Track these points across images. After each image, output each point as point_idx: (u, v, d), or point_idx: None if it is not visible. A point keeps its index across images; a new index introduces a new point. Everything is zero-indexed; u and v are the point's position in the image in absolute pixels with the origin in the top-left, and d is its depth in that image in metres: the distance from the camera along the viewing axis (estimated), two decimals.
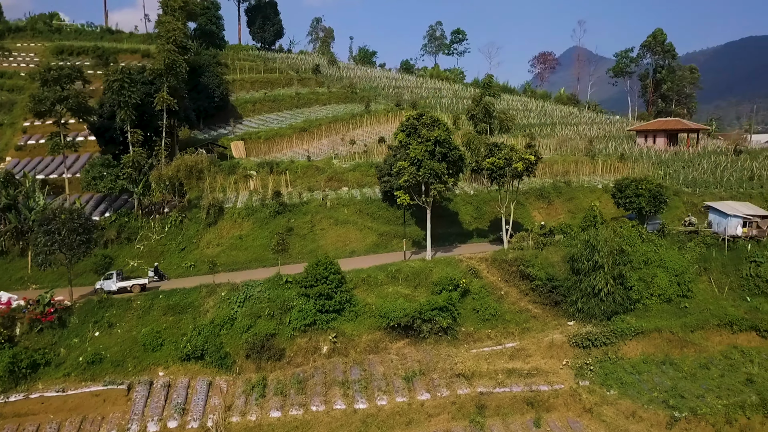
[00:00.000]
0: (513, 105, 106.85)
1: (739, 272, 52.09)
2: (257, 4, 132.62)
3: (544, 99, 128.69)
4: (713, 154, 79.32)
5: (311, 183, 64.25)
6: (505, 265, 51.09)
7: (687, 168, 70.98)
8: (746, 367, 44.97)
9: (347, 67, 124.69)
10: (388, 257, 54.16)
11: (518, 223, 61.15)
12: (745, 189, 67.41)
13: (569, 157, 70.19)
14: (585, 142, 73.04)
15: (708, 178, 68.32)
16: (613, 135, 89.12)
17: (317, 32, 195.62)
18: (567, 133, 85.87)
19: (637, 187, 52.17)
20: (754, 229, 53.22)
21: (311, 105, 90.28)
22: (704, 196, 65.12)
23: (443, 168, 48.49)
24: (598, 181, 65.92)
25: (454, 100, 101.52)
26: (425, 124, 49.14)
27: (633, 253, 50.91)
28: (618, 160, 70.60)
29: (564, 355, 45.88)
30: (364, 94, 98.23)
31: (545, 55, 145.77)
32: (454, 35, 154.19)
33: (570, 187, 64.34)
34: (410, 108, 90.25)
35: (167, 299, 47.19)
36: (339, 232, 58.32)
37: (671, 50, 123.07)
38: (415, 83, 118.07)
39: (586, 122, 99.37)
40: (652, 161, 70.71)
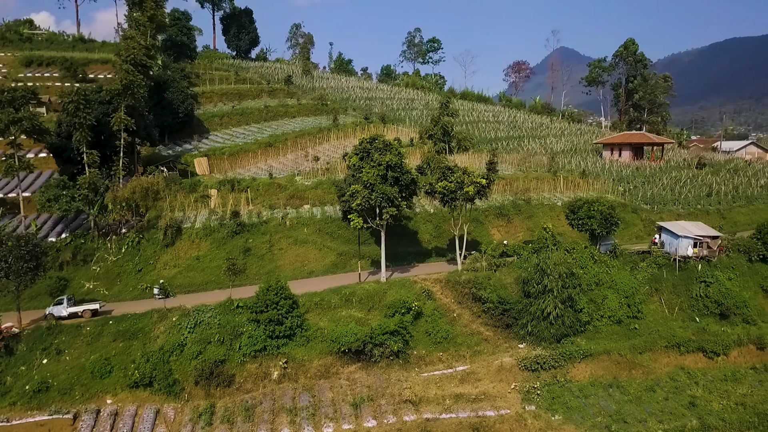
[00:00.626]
0: (484, 116, 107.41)
1: (689, 292, 52.80)
2: (232, 13, 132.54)
3: (518, 108, 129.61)
4: (675, 168, 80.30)
5: (272, 201, 64.27)
6: (458, 286, 51.45)
7: (647, 184, 71.80)
8: (691, 390, 45.65)
9: (321, 76, 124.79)
10: (346, 278, 54.30)
11: (477, 241, 61.62)
12: (702, 206, 68.42)
13: (531, 174, 70.75)
14: (548, 158, 73.53)
15: (667, 195, 69.16)
16: (580, 148, 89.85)
17: (297, 38, 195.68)
18: (533, 147, 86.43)
19: (589, 208, 52.72)
20: (704, 250, 53.96)
21: (280, 118, 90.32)
22: (662, 213, 66.03)
23: (395, 192, 48.75)
24: (558, 199, 66.49)
25: (425, 113, 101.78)
26: (378, 148, 49.39)
27: (585, 274, 51.53)
28: (579, 176, 71.23)
29: (513, 378, 46.28)
30: (335, 106, 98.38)
31: (519, 64, 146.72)
32: (429, 44, 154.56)
33: (529, 205, 64.84)
34: (379, 121, 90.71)
35: (117, 325, 47.03)
36: (298, 252, 58.38)
37: (643, 60, 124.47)
38: (389, 93, 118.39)
39: (555, 134, 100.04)
40: (613, 177, 71.39)
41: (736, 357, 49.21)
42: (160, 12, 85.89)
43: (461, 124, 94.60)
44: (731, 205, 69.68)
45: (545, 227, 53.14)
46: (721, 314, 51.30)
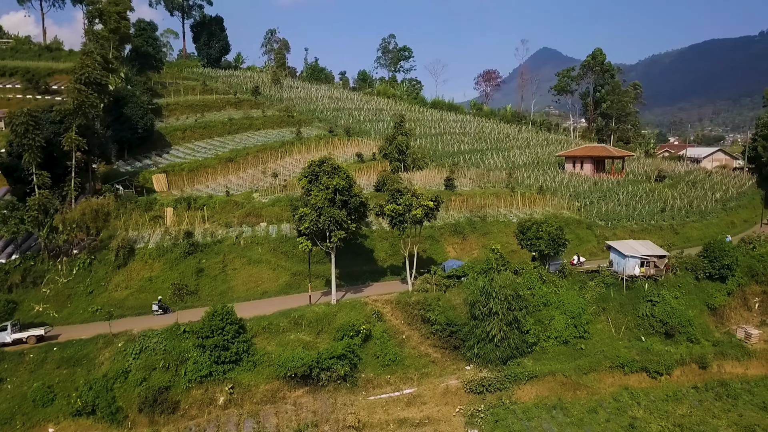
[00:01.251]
0: (451, 128, 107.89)
1: (636, 312, 53.62)
2: (202, 21, 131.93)
3: (488, 117, 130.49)
4: (634, 182, 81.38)
5: (229, 219, 64.14)
6: (408, 308, 51.77)
7: (603, 200, 72.70)
8: (632, 411, 46.37)
9: (291, 85, 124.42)
10: (299, 299, 54.34)
11: (432, 258, 62.10)
12: (656, 221, 69.47)
13: (489, 190, 71.31)
14: (506, 174, 74.11)
15: (622, 211, 70.11)
16: (543, 160, 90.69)
17: (272, 44, 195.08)
18: (496, 161, 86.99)
19: (537, 229, 53.30)
20: (651, 269, 54.83)
21: (245, 131, 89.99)
22: (616, 229, 67.00)
23: (344, 215, 48.92)
24: (514, 215, 67.08)
25: (392, 124, 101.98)
26: (326, 171, 49.48)
27: (533, 295, 52.12)
28: (537, 192, 71.90)
29: (459, 401, 46.71)
30: (301, 117, 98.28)
31: (490, 72, 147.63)
32: (400, 53, 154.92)
33: (485, 222, 65.39)
34: (344, 134, 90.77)
35: (62, 351, 46.65)
36: (251, 272, 58.35)
37: (610, 69, 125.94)
38: (359, 103, 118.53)
39: (521, 145, 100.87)
40: (570, 193, 72.16)
41: (679, 376, 50.07)
42: (124, 24, 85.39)
43: (426, 137, 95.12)
44: (684, 220, 70.87)
45: (493, 248, 53.60)
46: (666, 333, 52.17)
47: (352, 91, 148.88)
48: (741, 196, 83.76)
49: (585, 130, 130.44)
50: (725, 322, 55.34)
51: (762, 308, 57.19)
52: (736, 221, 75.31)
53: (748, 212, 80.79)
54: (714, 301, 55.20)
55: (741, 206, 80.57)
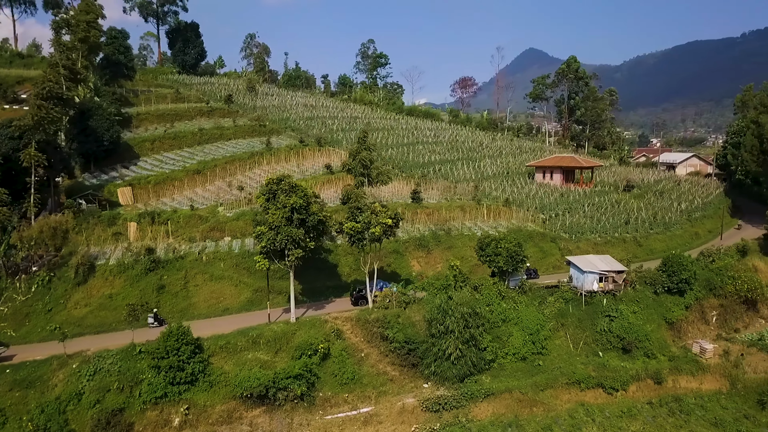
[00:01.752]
0: (425, 136, 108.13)
1: (594, 327, 54.17)
2: (177, 27, 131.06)
3: (464, 124, 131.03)
4: (601, 193, 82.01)
5: (193, 234, 63.86)
6: (368, 325, 51.88)
7: (569, 212, 73.29)
8: (587, 428, 46.80)
9: (266, 93, 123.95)
10: (261, 316, 54.22)
11: (396, 273, 62.31)
12: (620, 234, 70.17)
13: (455, 203, 71.61)
14: (473, 186, 74.41)
15: (587, 223, 70.70)
16: (513, 170, 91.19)
17: (251, 48, 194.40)
18: (466, 171, 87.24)
19: (496, 246, 53.64)
20: (610, 284, 55.40)
21: (216, 141, 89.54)
22: (580, 242, 67.58)
23: (301, 234, 48.93)
24: (479, 228, 67.40)
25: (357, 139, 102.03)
26: (284, 190, 49.46)
27: (491, 311, 52.46)
28: (503, 205, 72.34)
29: (415, 420, 46.92)
30: (274, 126, 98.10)
31: (466, 80, 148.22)
32: (377, 59, 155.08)
33: (450, 236, 65.68)
34: (315, 144, 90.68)
35: (15, 373, 46.16)
36: (213, 289, 58.14)
37: (584, 77, 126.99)
38: (334, 110, 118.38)
39: (493, 154, 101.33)
40: (536, 206, 72.60)
41: (635, 392, 50.63)
42: (94, 33, 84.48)
43: (398, 147, 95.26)
44: (648, 232, 71.63)
45: (452, 264, 53.85)
46: (624, 349, 52.75)
47: (330, 97, 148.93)
48: (707, 206, 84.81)
49: (561, 137, 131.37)
50: (682, 336, 56.04)
51: (719, 321, 58.02)
52: (700, 232, 76.28)
53: (713, 222, 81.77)
54: (672, 316, 55.91)
55: (706, 216, 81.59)
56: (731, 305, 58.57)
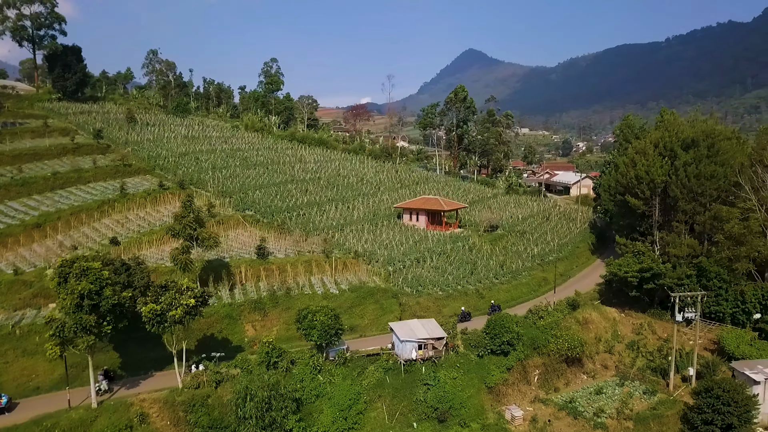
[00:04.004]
0: (304, 171, 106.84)
1: (412, 396, 54.23)
2: (55, 52, 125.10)
3: (356, 153, 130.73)
4: (459, 239, 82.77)
5: (15, 301, 60.54)
6: (175, 407, 50.23)
7: (418, 262, 73.57)
8: None
9: (149, 123, 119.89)
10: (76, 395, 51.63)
11: (228, 340, 60.86)
12: (463, 285, 70.91)
13: (303, 257, 70.70)
14: (323, 238, 73.64)
15: (431, 276, 71.08)
16: (381, 213, 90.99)
17: (153, 65, 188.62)
18: (331, 216, 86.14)
19: (312, 318, 53.00)
20: (430, 351, 55.70)
21: (72, 185, 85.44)
22: (421, 297, 67.89)
23: (92, 321, 46.83)
24: (321, 286, 66.73)
25: (237, 170, 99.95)
26: (75, 274, 47.19)
27: (304, 387, 51.78)
28: (353, 257, 71.99)
29: None
30: (141, 165, 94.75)
31: (358, 107, 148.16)
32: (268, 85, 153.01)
33: (289, 296, 64.70)
34: (177, 187, 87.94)
35: None
36: (25, 365, 55.08)
37: (471, 106, 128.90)
38: (216, 142, 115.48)
39: (369, 192, 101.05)
40: (384, 258, 72.44)
41: None
42: None
43: (269, 187, 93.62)
44: (493, 282, 72.71)
45: (266, 341, 52.89)
46: (439, 418, 53.07)
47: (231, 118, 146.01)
48: (563, 247, 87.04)
49: (450, 165, 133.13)
50: (502, 399, 56.93)
51: (541, 380, 59.34)
52: (549, 277, 77.98)
53: (566, 264, 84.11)
54: (491, 380, 56.67)
55: (560, 258, 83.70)
56: (553, 364, 60.04)
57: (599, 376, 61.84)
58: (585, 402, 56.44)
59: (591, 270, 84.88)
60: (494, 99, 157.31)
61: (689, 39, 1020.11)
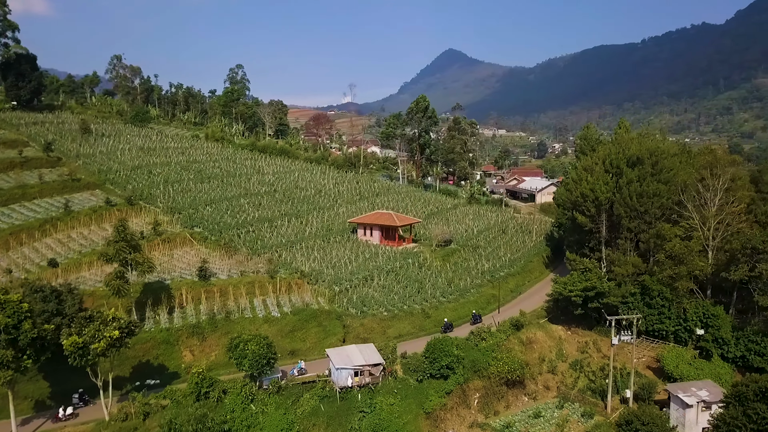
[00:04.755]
0: (261, 184, 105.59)
1: (347, 424, 53.46)
2: (8, 60, 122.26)
3: (318, 163, 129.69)
4: (411, 255, 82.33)
5: None
6: None
7: (366, 281, 72.85)
8: None
9: (104, 133, 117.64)
10: None
11: (163, 366, 59.64)
12: (409, 305, 70.40)
13: (247, 277, 69.63)
14: (267, 258, 72.57)
15: (374, 296, 70.38)
16: (336, 227, 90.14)
17: (117, 70, 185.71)
18: (283, 232, 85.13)
19: (243, 347, 52.05)
20: (366, 377, 55.07)
21: (16, 202, 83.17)
22: (365, 318, 67.27)
23: (10, 356, 45.43)
24: (262, 309, 65.71)
25: (190, 185, 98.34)
26: None
27: (235, 418, 50.82)
28: (299, 277, 71.08)
29: None
30: (91, 180, 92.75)
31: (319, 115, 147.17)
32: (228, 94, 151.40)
33: (229, 320, 63.62)
34: (125, 203, 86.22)
35: None
36: None
37: (433, 116, 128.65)
38: (172, 154, 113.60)
39: (326, 206, 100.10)
40: (330, 278, 71.58)
41: None
42: None
43: (221, 202, 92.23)
44: (440, 301, 72.29)
45: (196, 371, 51.85)
46: None
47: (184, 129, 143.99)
48: (514, 262, 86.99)
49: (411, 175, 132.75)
50: (440, 424, 56.40)
51: (481, 404, 58.99)
52: (498, 294, 77.91)
53: (518, 279, 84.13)
54: (429, 405, 56.16)
55: (511, 274, 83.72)
56: (493, 387, 59.75)
57: (541, 397, 61.70)
58: (522, 426, 56.23)
59: (543, 285, 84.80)
60: (460, 107, 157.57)
61: (664, 40, 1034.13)
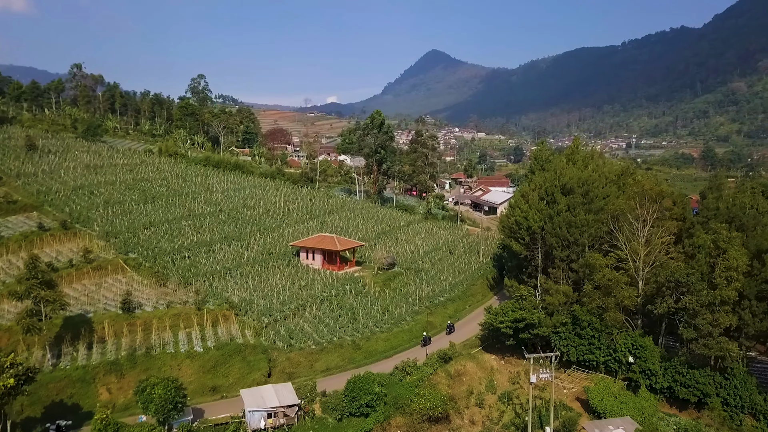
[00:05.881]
0: (207, 202, 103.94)
1: None
2: None
3: (273, 178, 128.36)
4: (351, 280, 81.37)
5: None
6: None
7: (300, 310, 71.83)
8: None
9: (51, 149, 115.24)
10: None
11: (78, 405, 58.12)
12: (339, 337, 69.36)
13: (173, 309, 68.26)
14: (194, 290, 71.10)
15: (305, 327, 69.34)
16: (279, 250, 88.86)
17: (78, 80, 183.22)
18: (221, 256, 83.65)
19: (150, 391, 50.77)
20: (281, 418, 54.11)
21: None
22: (292, 351, 66.03)
23: None
24: (185, 343, 64.32)
25: (130, 207, 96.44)
26: None
27: None
28: (227, 308, 69.81)
29: None
30: (28, 202, 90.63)
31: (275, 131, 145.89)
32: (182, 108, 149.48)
33: (149, 356, 62.21)
34: (60, 227, 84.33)
35: None
36: None
37: (389, 131, 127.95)
38: (119, 172, 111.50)
39: (272, 227, 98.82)
40: (259, 310, 70.30)
41: None
42: None
43: (163, 224, 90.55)
44: (372, 331, 71.35)
45: (99, 417, 50.47)
46: None
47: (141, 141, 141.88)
48: (456, 286, 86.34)
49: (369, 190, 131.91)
50: None
51: None
52: (435, 321, 77.19)
53: (459, 304, 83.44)
54: None
55: (451, 299, 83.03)
56: (415, 423, 58.88)
57: None
58: None
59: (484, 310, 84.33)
60: (423, 120, 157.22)
61: (644, 43, 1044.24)
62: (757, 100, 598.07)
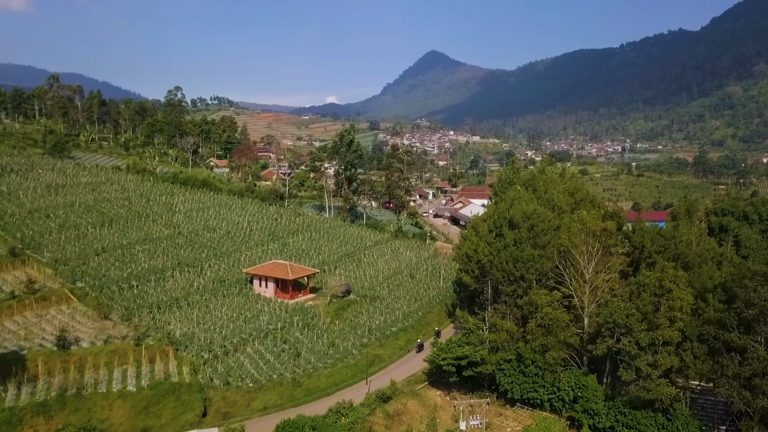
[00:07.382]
0: (157, 230, 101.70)
1: None
2: None
3: (240, 196, 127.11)
4: (301, 310, 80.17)
5: None
6: None
7: (243, 345, 70.56)
8: None
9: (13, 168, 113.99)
10: None
11: None
12: (279, 374, 68.07)
13: (111, 346, 67.05)
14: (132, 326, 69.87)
15: (246, 363, 68.16)
16: (232, 279, 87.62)
17: (56, 91, 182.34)
18: (172, 283, 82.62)
19: None
20: None
21: None
22: (229, 390, 64.83)
23: None
24: (119, 381, 63.07)
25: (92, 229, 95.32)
26: None
27: None
28: (168, 344, 68.58)
29: None
30: None
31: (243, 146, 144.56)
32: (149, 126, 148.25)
33: (80, 396, 60.95)
34: (8, 255, 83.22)
35: None
36: None
37: (358, 149, 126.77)
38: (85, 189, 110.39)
39: (229, 251, 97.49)
40: (196, 349, 68.85)
41: None
42: None
43: (115, 249, 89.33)
44: (316, 367, 70.09)
45: None
46: None
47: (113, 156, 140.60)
48: (410, 315, 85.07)
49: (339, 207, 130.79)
50: None
51: None
52: (384, 354, 75.95)
53: (412, 334, 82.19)
54: None
55: (404, 329, 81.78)
56: None
57: None
58: None
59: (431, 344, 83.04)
60: (399, 132, 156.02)
61: (641, 46, 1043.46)
62: (753, 104, 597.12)
